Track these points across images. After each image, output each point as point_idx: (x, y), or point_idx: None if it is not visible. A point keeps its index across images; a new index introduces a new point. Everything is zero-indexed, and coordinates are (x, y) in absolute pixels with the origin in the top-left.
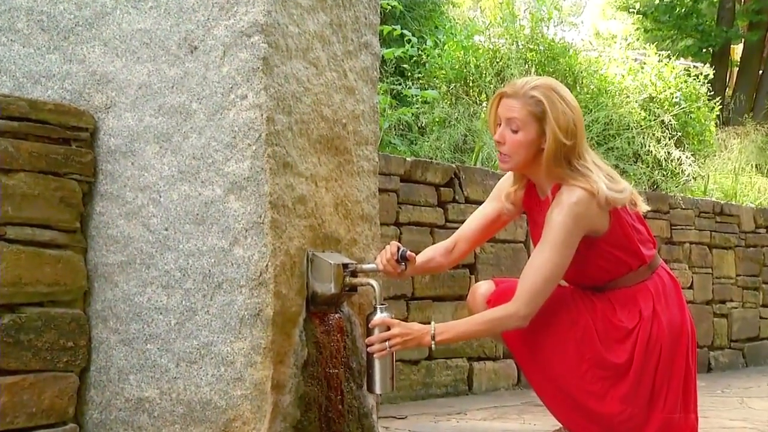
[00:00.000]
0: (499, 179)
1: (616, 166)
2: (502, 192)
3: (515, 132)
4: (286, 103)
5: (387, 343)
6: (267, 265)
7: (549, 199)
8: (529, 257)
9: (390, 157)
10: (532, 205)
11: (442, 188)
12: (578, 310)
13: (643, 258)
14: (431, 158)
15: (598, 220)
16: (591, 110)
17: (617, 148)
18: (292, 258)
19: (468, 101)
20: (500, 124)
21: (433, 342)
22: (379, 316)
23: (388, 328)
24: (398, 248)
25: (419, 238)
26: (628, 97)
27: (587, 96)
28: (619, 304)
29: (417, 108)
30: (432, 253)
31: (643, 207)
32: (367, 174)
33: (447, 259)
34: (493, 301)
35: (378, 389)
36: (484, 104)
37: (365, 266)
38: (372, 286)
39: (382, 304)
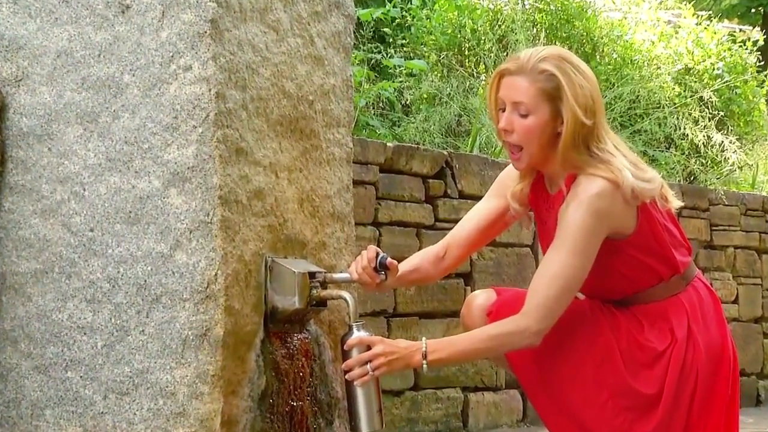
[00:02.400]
0: (501, 169)
1: (644, 153)
2: (506, 189)
3: (525, 116)
4: (240, 76)
5: (369, 365)
6: (216, 275)
7: (563, 193)
8: (537, 264)
9: (367, 142)
10: (540, 202)
11: (430, 180)
12: (599, 327)
13: (676, 266)
14: (418, 143)
15: (623, 217)
16: (613, 85)
17: (645, 130)
18: (246, 265)
19: (463, 74)
20: (503, 109)
21: (424, 362)
22: (356, 335)
23: (369, 349)
24: (377, 254)
25: (403, 241)
26: (658, 68)
27: (609, 67)
28: (647, 322)
29: (400, 82)
30: (419, 260)
31: (676, 202)
32: (339, 163)
33: (437, 268)
34: (494, 313)
35: (364, 427)
36: (483, 77)
37: (337, 275)
38: (345, 299)
39: (358, 322)
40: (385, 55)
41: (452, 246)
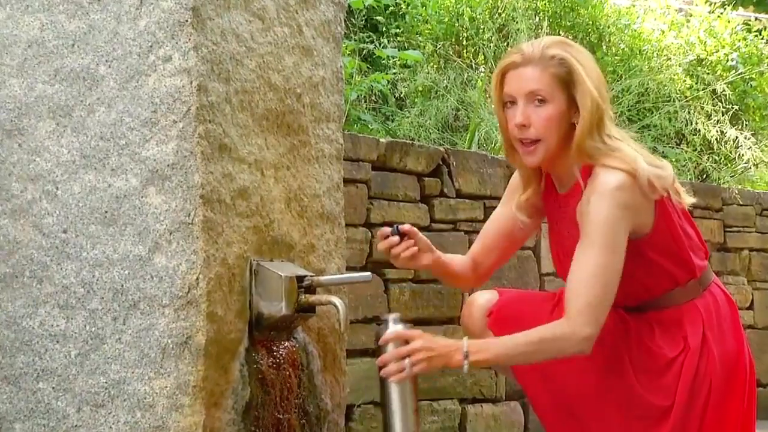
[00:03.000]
0: (501, 167)
1: (654, 150)
2: (514, 198)
3: (541, 106)
4: (223, 68)
5: (407, 360)
6: (197, 279)
7: (579, 187)
8: (539, 268)
9: (359, 138)
10: (550, 204)
11: (426, 178)
12: (604, 330)
13: (693, 270)
14: (412, 139)
15: (642, 212)
16: (621, 77)
17: (655, 125)
18: (230, 269)
19: (460, 65)
20: (508, 104)
21: (465, 362)
22: (393, 329)
23: (406, 344)
24: (395, 226)
25: None
26: (669, 59)
27: (616, 59)
28: (660, 327)
29: (394, 74)
30: (458, 259)
31: (688, 199)
32: (329, 160)
33: (475, 274)
34: (495, 314)
35: (399, 429)
36: (482, 69)
37: (326, 279)
38: (335, 305)
39: (393, 314)
40: (377, 45)
41: (477, 257)
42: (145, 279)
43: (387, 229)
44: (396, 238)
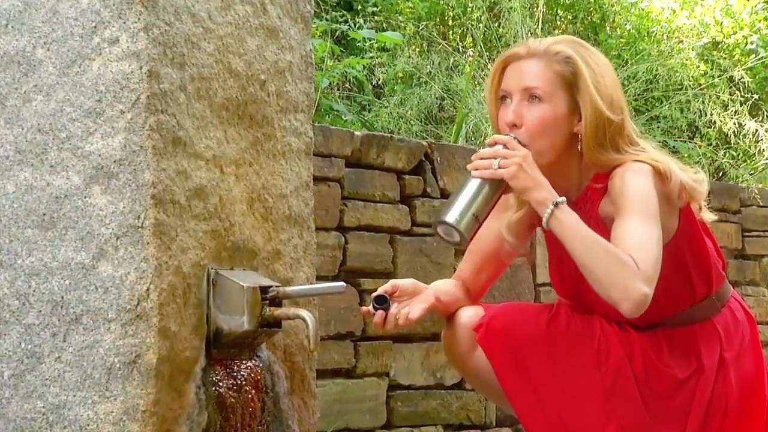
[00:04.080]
0: None
1: (664, 144)
2: (504, 211)
3: (536, 104)
4: (178, 51)
5: (497, 161)
6: (148, 290)
7: (593, 191)
8: (534, 277)
9: (331, 131)
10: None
11: (406, 176)
12: (607, 345)
13: (710, 285)
14: (391, 132)
15: (666, 217)
16: (626, 62)
17: (665, 117)
18: (185, 278)
19: (446, 48)
20: (502, 98)
21: (550, 208)
22: (504, 136)
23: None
24: (374, 299)
25: (373, 250)
26: (680, 42)
27: (621, 41)
28: (669, 344)
29: (371, 58)
30: (454, 288)
31: (709, 215)
32: (297, 155)
33: (468, 297)
34: (486, 326)
35: (449, 216)
36: (470, 52)
37: (293, 289)
38: (303, 319)
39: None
40: (352, 26)
41: (467, 279)
42: (89, 290)
43: (368, 309)
44: (381, 312)
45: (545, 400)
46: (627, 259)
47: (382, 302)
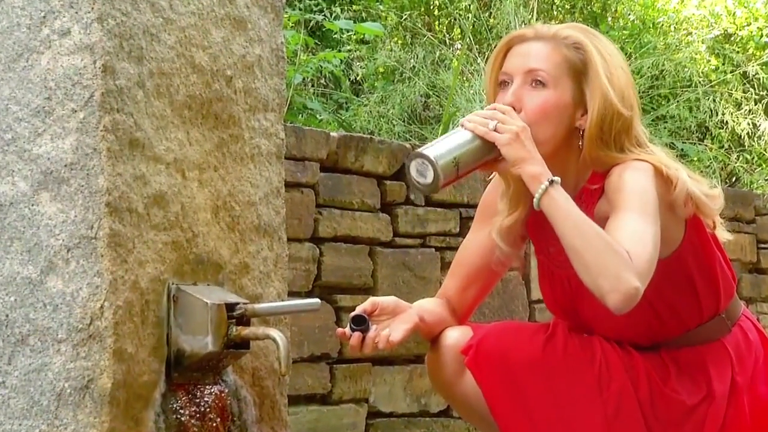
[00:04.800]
0: None
1: (671, 146)
2: (491, 219)
3: (537, 88)
4: (135, 44)
5: (493, 122)
6: (102, 307)
7: (588, 192)
8: (528, 294)
9: (304, 132)
10: (539, 229)
11: (388, 182)
12: (609, 369)
13: (718, 302)
14: (371, 133)
15: (669, 224)
16: (630, 56)
17: (672, 116)
18: (143, 295)
19: (431, 40)
20: (502, 83)
21: (544, 185)
22: (506, 106)
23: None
24: (351, 319)
25: (351, 263)
26: (689, 34)
27: (624, 34)
28: (676, 367)
29: (349, 51)
30: (440, 308)
31: (725, 234)
32: (267, 158)
33: (453, 317)
34: (476, 347)
35: (429, 151)
36: (458, 45)
37: (263, 307)
38: (274, 340)
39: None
40: (328, 16)
41: (453, 298)
42: (36, 307)
43: (344, 330)
44: (357, 334)
45: (541, 430)
46: (619, 248)
47: (360, 323)
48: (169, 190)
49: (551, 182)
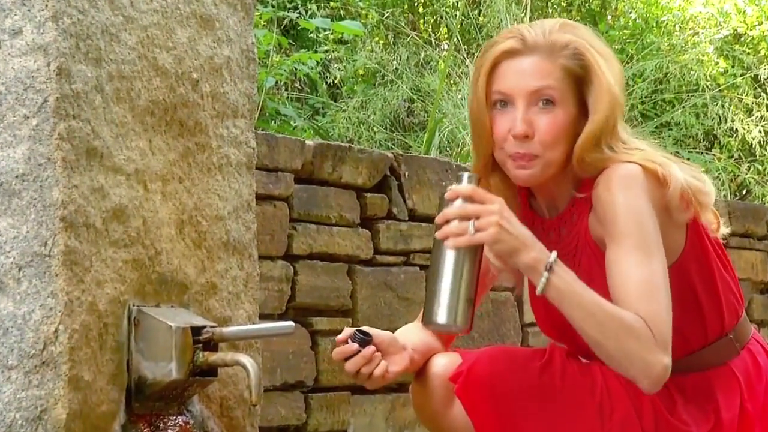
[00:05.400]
0: None
1: (676, 155)
2: None
3: (548, 109)
4: (93, 45)
5: (472, 223)
6: (56, 330)
7: (579, 203)
8: (521, 316)
9: (277, 140)
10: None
11: (368, 194)
12: (611, 398)
13: (723, 323)
14: (350, 141)
15: (668, 230)
16: (632, 58)
17: (677, 123)
18: (101, 317)
19: (416, 41)
20: (498, 103)
21: (545, 276)
22: (468, 187)
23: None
24: (353, 333)
25: (328, 283)
26: (695, 34)
27: (625, 33)
28: (682, 395)
29: (326, 52)
30: (423, 336)
31: (721, 228)
32: (237, 169)
33: (441, 341)
34: (466, 374)
35: (441, 316)
36: (445, 46)
37: (232, 331)
38: (244, 366)
39: (470, 173)
40: (303, 14)
41: None
42: None
43: (348, 332)
44: (355, 346)
45: None
46: (638, 325)
47: (366, 337)
48: (129, 203)
49: (551, 268)
